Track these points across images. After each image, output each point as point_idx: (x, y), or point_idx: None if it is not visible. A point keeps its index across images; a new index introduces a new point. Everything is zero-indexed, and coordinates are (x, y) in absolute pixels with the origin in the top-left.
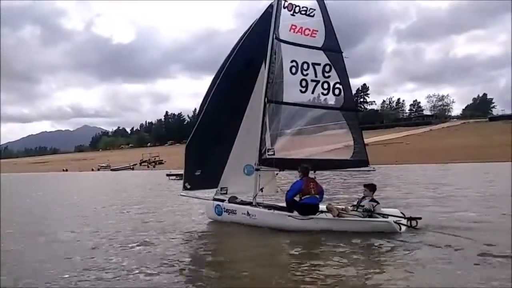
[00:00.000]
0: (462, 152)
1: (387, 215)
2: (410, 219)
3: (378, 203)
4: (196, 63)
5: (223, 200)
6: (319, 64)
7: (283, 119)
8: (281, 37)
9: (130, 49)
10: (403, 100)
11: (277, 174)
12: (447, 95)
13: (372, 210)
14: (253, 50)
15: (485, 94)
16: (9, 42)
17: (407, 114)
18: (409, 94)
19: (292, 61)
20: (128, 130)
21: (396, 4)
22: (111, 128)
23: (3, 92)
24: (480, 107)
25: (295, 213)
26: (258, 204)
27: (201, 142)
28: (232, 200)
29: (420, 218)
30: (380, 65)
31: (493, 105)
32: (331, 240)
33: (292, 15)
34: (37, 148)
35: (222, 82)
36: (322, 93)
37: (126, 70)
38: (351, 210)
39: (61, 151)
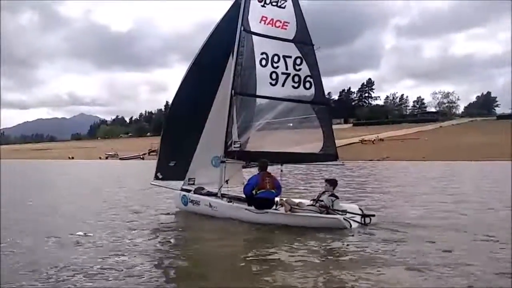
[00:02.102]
0: (489, 150)
1: (345, 211)
2: (363, 216)
3: (337, 198)
4: (194, 53)
5: (189, 191)
6: (290, 57)
7: (251, 111)
8: (252, 29)
9: (128, 37)
10: (407, 96)
11: (243, 167)
12: (453, 92)
13: (329, 205)
14: (222, 42)
15: (489, 93)
16: (8, 27)
17: (410, 110)
18: (408, 90)
19: (262, 53)
20: (127, 119)
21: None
22: (107, 117)
23: (2, 77)
24: (484, 105)
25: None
26: (223, 196)
27: (175, 133)
28: (198, 191)
29: (373, 215)
30: (379, 61)
31: (496, 103)
32: (281, 234)
33: (263, 6)
34: (33, 135)
35: (193, 73)
36: (293, 86)
37: (123, 59)
38: (309, 205)
39: (58, 138)
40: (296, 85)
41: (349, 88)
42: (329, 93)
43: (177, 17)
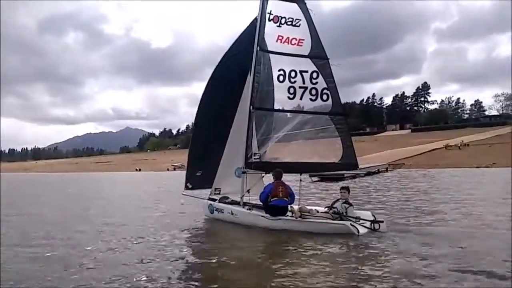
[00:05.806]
0: None
1: (358, 217)
2: (373, 222)
3: (351, 205)
4: None
5: (215, 200)
6: (306, 71)
7: (270, 124)
8: (269, 48)
9: (168, 53)
10: (464, 100)
11: (263, 176)
12: None
13: (343, 212)
14: (240, 60)
15: None
16: (54, 48)
17: (468, 114)
18: (454, 94)
19: (279, 70)
20: (174, 131)
21: (436, 4)
22: (150, 130)
23: (51, 95)
24: None
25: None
26: (245, 204)
27: (201, 144)
28: (222, 200)
29: (382, 221)
30: (420, 66)
31: None
32: (292, 238)
33: (278, 26)
34: (84, 149)
35: (212, 88)
36: (311, 99)
37: (164, 74)
38: (323, 212)
39: (107, 151)
40: (313, 97)
41: (403, 93)
42: (381, 98)
43: (212, 31)
